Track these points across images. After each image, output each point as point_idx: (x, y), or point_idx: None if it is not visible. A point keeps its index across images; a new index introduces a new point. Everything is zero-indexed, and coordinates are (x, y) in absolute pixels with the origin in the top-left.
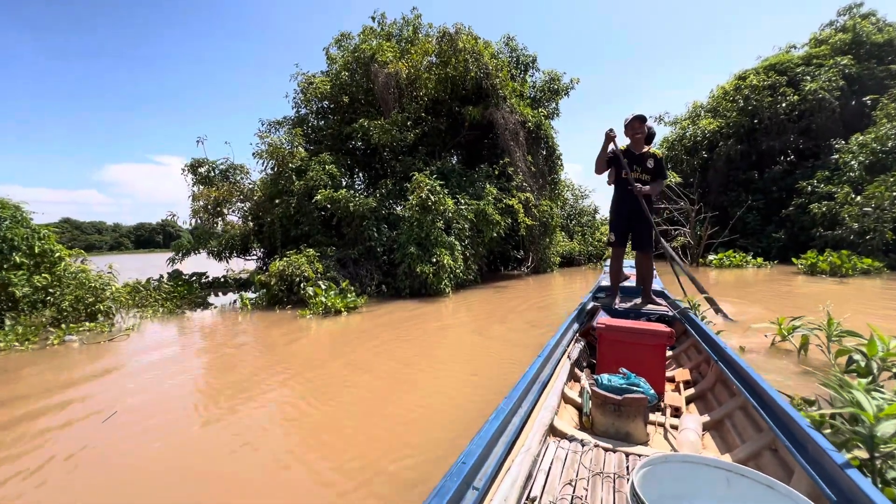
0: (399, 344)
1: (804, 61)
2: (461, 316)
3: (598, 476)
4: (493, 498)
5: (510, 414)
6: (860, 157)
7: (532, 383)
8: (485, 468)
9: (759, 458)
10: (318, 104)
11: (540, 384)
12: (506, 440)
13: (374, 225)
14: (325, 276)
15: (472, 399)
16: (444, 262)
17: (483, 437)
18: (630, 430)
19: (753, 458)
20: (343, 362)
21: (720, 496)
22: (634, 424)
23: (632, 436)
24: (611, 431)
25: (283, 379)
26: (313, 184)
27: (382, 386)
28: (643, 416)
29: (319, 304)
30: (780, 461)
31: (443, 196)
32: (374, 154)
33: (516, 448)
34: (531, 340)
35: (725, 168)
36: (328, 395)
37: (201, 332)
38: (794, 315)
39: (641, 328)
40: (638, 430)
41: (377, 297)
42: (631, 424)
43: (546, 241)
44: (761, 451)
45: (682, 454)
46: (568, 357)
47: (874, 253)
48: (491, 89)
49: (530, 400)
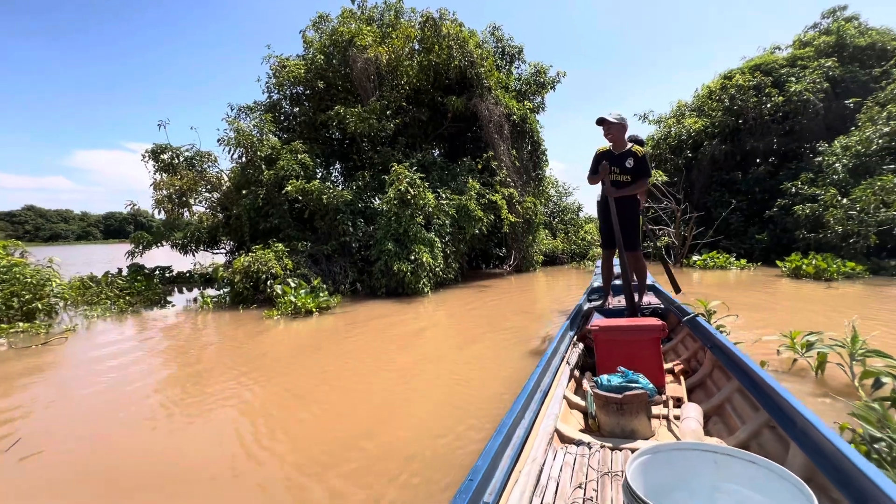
0: (372, 352)
1: (788, 62)
2: (440, 319)
3: (607, 476)
4: None
5: (514, 426)
6: (844, 160)
7: (534, 392)
8: (493, 483)
9: (760, 437)
10: (291, 89)
11: (542, 392)
12: (511, 452)
13: (350, 219)
14: (296, 273)
15: (452, 433)
16: (423, 259)
17: (489, 452)
18: (635, 427)
19: (754, 436)
20: (308, 372)
21: (710, 478)
22: (638, 420)
23: (637, 432)
24: (616, 431)
25: (233, 393)
26: (284, 174)
27: (346, 401)
28: (646, 411)
29: (288, 303)
30: (778, 437)
31: (423, 190)
32: (352, 144)
33: (522, 458)
34: (514, 352)
35: (709, 168)
36: (285, 415)
37: (151, 334)
38: (792, 324)
39: (634, 325)
40: (642, 426)
41: (351, 297)
42: (635, 421)
43: (529, 239)
44: (761, 429)
45: (670, 443)
46: (567, 362)
47: (857, 257)
48: (475, 79)
49: (533, 409)
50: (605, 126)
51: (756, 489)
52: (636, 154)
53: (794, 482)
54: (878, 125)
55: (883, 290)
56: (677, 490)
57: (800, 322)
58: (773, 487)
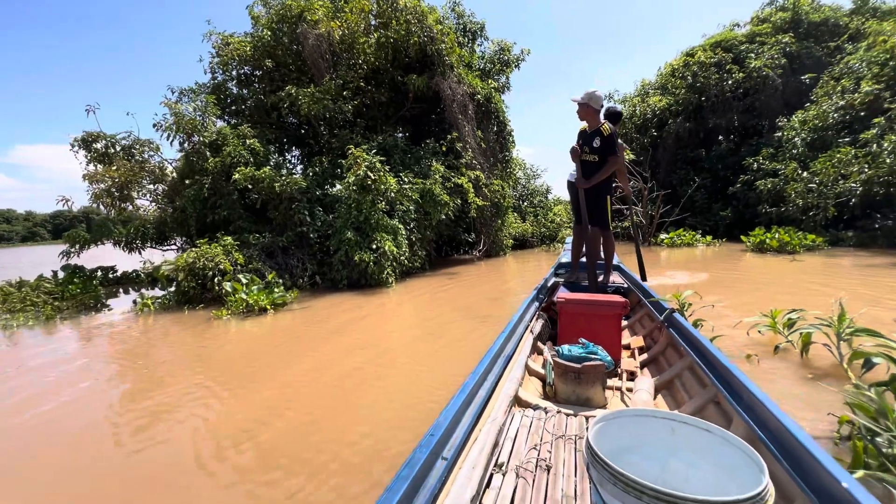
0: (329, 351)
1: (748, 39)
2: (405, 312)
3: (561, 439)
4: (461, 466)
5: (476, 387)
6: (802, 135)
7: (497, 357)
8: (453, 439)
9: (704, 411)
10: (238, 70)
11: (504, 358)
12: (472, 412)
13: (306, 208)
14: (248, 268)
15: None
16: (386, 248)
17: (450, 410)
18: (590, 396)
19: (699, 411)
20: (259, 381)
21: (667, 443)
22: (594, 390)
23: (591, 400)
24: (572, 398)
25: (165, 411)
26: (231, 161)
27: (298, 407)
28: (601, 382)
29: (239, 301)
30: (722, 412)
31: (384, 174)
32: (309, 128)
33: (483, 419)
34: (484, 345)
35: (674, 146)
36: (224, 437)
37: (75, 344)
38: (768, 302)
39: (598, 300)
40: (597, 395)
41: (311, 291)
42: (590, 390)
43: (498, 223)
44: (706, 404)
45: (631, 409)
46: (531, 331)
47: (816, 229)
48: (436, 56)
49: (495, 373)
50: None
51: (706, 456)
52: (602, 133)
53: (745, 449)
54: (833, 99)
55: (846, 261)
56: (633, 454)
57: (776, 300)
58: (724, 454)
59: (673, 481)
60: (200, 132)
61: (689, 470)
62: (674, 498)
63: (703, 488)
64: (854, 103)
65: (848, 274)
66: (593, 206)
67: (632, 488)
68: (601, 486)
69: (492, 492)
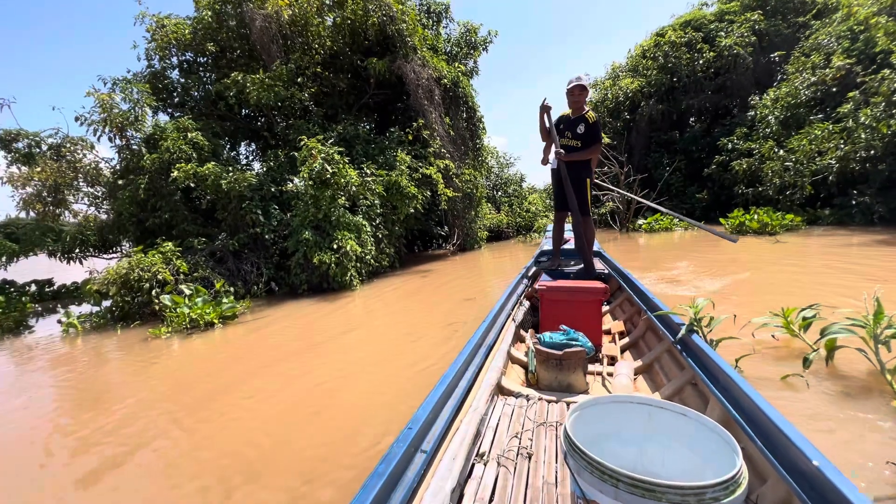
0: (283, 370)
1: (717, 17)
2: (370, 318)
3: (542, 426)
4: (441, 458)
5: (457, 377)
6: (776, 112)
7: (478, 347)
8: (433, 431)
9: (682, 393)
10: (179, 56)
11: (486, 347)
12: (453, 403)
13: (259, 206)
14: (193, 276)
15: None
16: (348, 248)
17: (429, 403)
18: (571, 382)
19: (677, 393)
20: (192, 415)
21: (644, 428)
22: (575, 376)
23: (573, 386)
24: (554, 385)
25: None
26: (170, 157)
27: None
28: (583, 368)
29: (182, 316)
30: (699, 393)
31: (343, 166)
32: (264, 120)
33: (464, 409)
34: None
35: (647, 129)
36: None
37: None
38: (767, 292)
39: (579, 286)
40: (578, 381)
41: (267, 298)
42: (572, 376)
43: (471, 215)
44: (684, 386)
45: (609, 396)
46: (513, 320)
47: (793, 208)
48: (397, 37)
49: (477, 363)
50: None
51: (682, 440)
52: (587, 120)
53: (720, 433)
54: (804, 75)
55: (831, 240)
56: (610, 440)
57: (776, 289)
58: (700, 438)
59: (650, 465)
60: (133, 125)
61: (665, 454)
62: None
63: (679, 471)
64: (826, 79)
65: (844, 255)
66: (578, 189)
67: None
68: (579, 475)
69: (473, 482)
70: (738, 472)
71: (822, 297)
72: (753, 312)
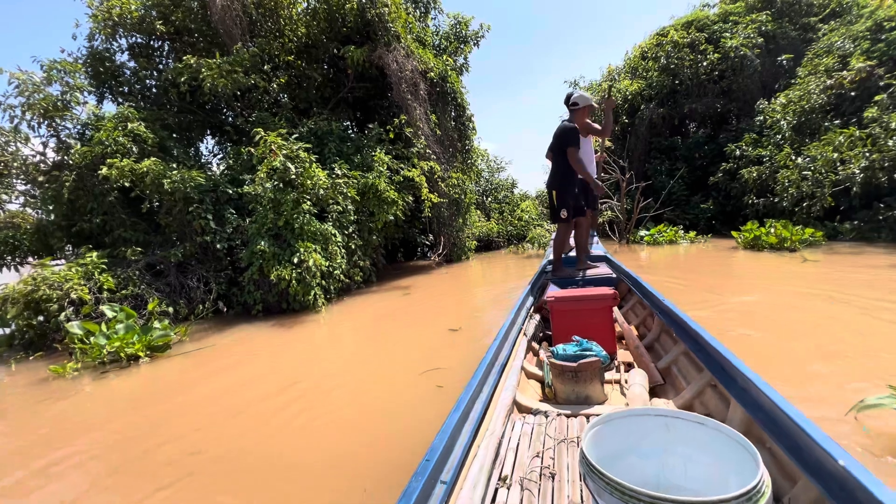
0: (217, 426)
1: (721, 18)
2: (327, 359)
3: (563, 443)
4: (462, 487)
5: (472, 401)
6: (788, 117)
7: (492, 365)
8: (451, 460)
9: (703, 395)
10: (128, 38)
11: (500, 365)
12: (471, 426)
13: (211, 210)
14: (121, 294)
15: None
16: (311, 262)
17: (446, 430)
18: (589, 393)
19: (698, 396)
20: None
21: (662, 440)
22: (592, 387)
23: (591, 398)
24: (572, 397)
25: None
26: (104, 151)
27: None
28: (599, 378)
29: (95, 348)
30: (720, 395)
31: (310, 165)
32: (228, 111)
33: (481, 432)
34: (435, 426)
35: (647, 134)
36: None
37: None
38: (833, 335)
39: (588, 294)
40: (596, 392)
41: (215, 320)
42: (589, 387)
43: (459, 223)
44: (704, 388)
45: (623, 410)
46: (524, 334)
47: (810, 221)
48: (378, 22)
49: (491, 382)
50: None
51: (703, 449)
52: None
53: (740, 440)
54: (820, 78)
55: (869, 259)
56: (630, 455)
57: (857, 336)
58: (719, 446)
59: (672, 478)
60: (60, 113)
61: (686, 465)
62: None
63: (702, 482)
64: (843, 81)
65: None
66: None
67: (628, 496)
68: (599, 497)
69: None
70: (759, 482)
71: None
72: (842, 374)
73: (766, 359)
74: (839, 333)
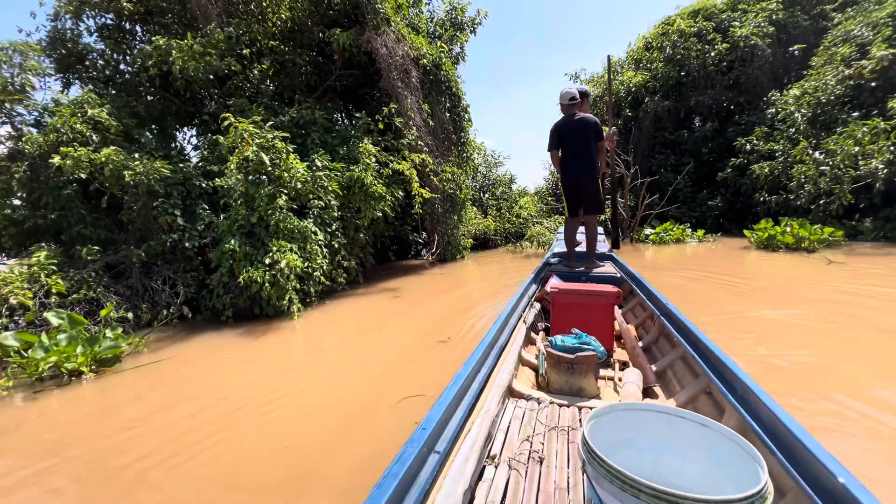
0: (168, 464)
1: (729, 7)
2: (297, 376)
3: (554, 430)
4: (454, 459)
5: (469, 379)
6: (802, 110)
7: (490, 348)
8: (445, 432)
9: (696, 402)
10: (95, 18)
11: (498, 348)
12: (466, 404)
13: (179, 206)
14: (73, 298)
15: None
16: (283, 264)
17: (442, 403)
18: (582, 386)
19: (691, 401)
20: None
21: (663, 437)
22: (586, 380)
23: (584, 391)
24: (565, 388)
25: None
26: (59, 139)
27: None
28: (594, 372)
29: (32, 363)
30: (714, 402)
31: (287, 156)
32: (206, 98)
33: (476, 410)
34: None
35: (652, 128)
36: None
37: None
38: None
39: (591, 290)
40: (590, 385)
41: (180, 327)
42: (583, 380)
43: (454, 220)
44: (698, 395)
45: (627, 403)
46: (524, 321)
47: (827, 220)
48: (367, 3)
49: (489, 364)
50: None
51: (700, 450)
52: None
53: (743, 445)
54: (838, 69)
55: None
56: (627, 448)
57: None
58: (719, 449)
59: (668, 475)
60: (13, 97)
61: (683, 464)
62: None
63: (697, 482)
64: (863, 71)
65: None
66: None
67: (629, 486)
68: (597, 483)
69: (484, 484)
70: (763, 487)
71: None
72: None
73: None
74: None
